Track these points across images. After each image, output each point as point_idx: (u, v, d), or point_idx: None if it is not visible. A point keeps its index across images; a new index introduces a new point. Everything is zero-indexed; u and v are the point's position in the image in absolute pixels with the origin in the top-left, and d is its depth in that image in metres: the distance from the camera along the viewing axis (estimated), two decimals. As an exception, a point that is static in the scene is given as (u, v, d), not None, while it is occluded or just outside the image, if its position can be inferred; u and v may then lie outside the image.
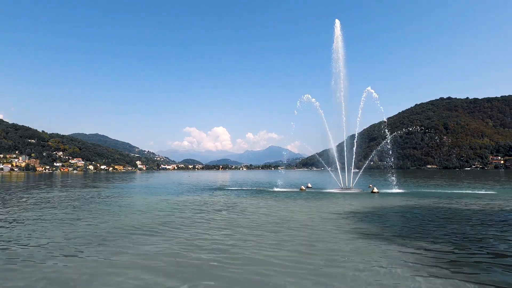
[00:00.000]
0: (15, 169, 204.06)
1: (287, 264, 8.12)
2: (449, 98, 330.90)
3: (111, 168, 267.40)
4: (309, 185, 38.44)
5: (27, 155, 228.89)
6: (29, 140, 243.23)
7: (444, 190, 32.34)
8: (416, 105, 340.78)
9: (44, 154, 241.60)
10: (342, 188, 33.10)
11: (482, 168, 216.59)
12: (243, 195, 28.33)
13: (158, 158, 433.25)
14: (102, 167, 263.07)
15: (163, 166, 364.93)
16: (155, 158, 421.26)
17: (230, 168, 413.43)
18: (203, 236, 11.52)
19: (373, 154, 40.60)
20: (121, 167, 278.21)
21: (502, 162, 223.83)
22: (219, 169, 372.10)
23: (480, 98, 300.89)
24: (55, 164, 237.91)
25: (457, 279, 6.98)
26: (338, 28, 35.76)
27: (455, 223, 13.68)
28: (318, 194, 28.78)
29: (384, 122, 36.23)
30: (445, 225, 13.22)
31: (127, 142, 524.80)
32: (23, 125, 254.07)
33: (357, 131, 34.93)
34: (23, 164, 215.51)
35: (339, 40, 35.38)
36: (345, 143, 34.32)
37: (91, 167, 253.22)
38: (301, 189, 33.93)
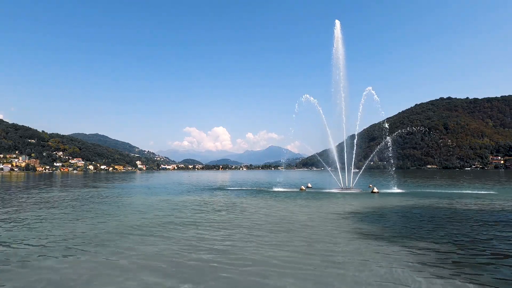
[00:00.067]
0: (15, 169, 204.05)
1: (287, 265, 8.10)
2: (449, 98, 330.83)
3: (111, 168, 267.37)
4: (309, 185, 38.43)
5: (27, 155, 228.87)
6: (29, 140, 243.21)
7: (444, 190, 32.33)
8: (416, 105, 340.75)
9: (44, 154, 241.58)
10: (342, 188, 33.09)
11: (482, 168, 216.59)
12: (243, 195, 28.31)
13: (158, 158, 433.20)
14: (102, 167, 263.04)
15: (163, 166, 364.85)
16: (155, 158, 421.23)
17: (230, 168, 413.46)
18: (203, 237, 11.50)
19: (373, 154, 40.60)
20: (121, 167, 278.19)
21: (502, 162, 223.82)
22: (219, 169, 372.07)
23: (480, 98, 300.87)
24: (55, 164, 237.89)
25: (458, 279, 6.96)
26: (338, 30, 35.70)
27: (455, 223, 13.66)
28: (318, 194, 28.76)
29: (386, 128, 36.15)
30: (445, 225, 13.20)
31: (127, 142, 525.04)
32: (23, 125, 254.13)
33: (357, 131, 34.95)
34: (23, 164, 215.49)
35: (339, 42, 35.31)
36: (345, 143, 34.30)
37: (91, 167, 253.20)
38: (301, 189, 33.91)
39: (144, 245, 10.21)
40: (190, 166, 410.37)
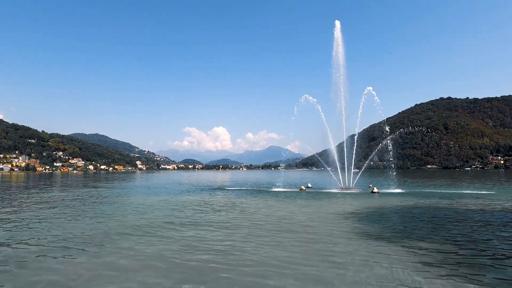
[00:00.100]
0: (15, 169, 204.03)
1: (287, 265, 8.09)
2: (449, 98, 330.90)
3: (111, 168, 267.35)
4: (309, 185, 38.42)
5: (27, 155, 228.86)
6: (29, 140, 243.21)
7: (444, 190, 32.33)
8: (416, 105, 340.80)
9: (44, 154, 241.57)
10: (342, 188, 33.08)
11: (482, 168, 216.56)
12: (243, 195, 28.30)
13: (158, 158, 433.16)
14: (102, 167, 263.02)
15: (163, 166, 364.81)
16: (155, 158, 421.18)
17: (230, 168, 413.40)
18: (203, 237, 11.49)
19: (373, 154, 40.59)
20: (121, 167, 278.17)
21: (502, 162, 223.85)
22: (219, 169, 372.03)
23: (480, 98, 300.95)
24: (55, 164, 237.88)
25: (458, 279, 6.96)
26: (338, 31, 35.61)
27: (456, 223, 13.65)
28: (318, 194, 28.76)
29: (387, 132, 36.10)
30: (446, 225, 13.19)
31: (127, 142, 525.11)
32: (23, 125, 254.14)
33: (357, 131, 34.95)
34: (23, 164, 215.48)
35: (339, 43, 35.23)
36: (345, 143, 34.30)
37: (91, 167, 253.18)
38: (301, 189, 33.90)
39: (144, 245, 10.21)
40: (190, 166, 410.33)
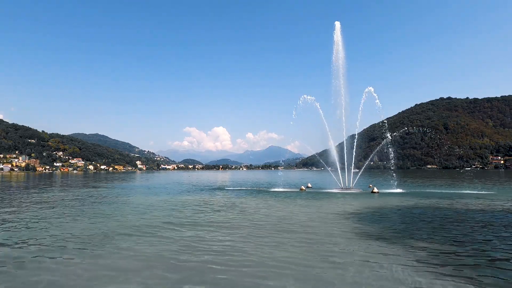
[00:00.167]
0: (15, 169, 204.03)
1: (287, 265, 8.08)
2: (449, 98, 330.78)
3: (111, 168, 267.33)
4: (309, 185, 38.42)
5: (27, 155, 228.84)
6: (29, 140, 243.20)
7: (444, 190, 32.33)
8: (416, 105, 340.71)
9: (44, 154, 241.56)
10: (342, 188, 33.09)
11: (482, 168, 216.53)
12: (243, 195, 28.30)
13: (158, 158, 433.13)
14: (102, 167, 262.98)
15: (163, 166, 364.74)
16: (155, 158, 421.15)
17: (230, 168, 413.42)
18: (203, 237, 11.48)
19: (373, 154, 40.59)
20: (121, 167, 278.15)
21: (502, 162, 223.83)
22: (219, 169, 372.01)
23: (480, 98, 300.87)
24: (55, 164, 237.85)
25: (458, 280, 6.94)
26: (338, 32, 35.54)
27: (456, 224, 13.64)
28: (318, 194, 28.75)
29: (388, 139, 36.08)
30: (446, 226, 13.18)
31: (127, 142, 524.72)
32: (23, 125, 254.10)
33: (357, 131, 34.96)
34: (23, 164, 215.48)
35: (339, 48, 35.14)
36: (345, 143, 34.30)
37: (91, 167, 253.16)
38: (301, 189, 33.90)
39: (144, 246, 10.20)
40: (190, 166, 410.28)
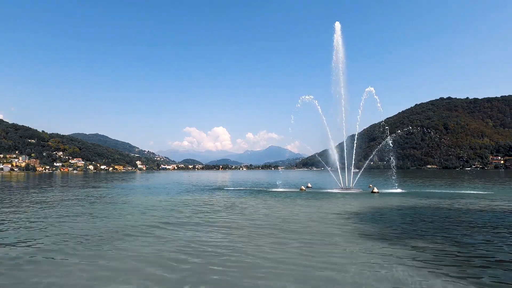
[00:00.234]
0: (15, 169, 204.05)
1: (287, 266, 8.06)
2: (449, 98, 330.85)
3: (111, 168, 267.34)
4: (309, 185, 38.41)
5: (27, 155, 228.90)
6: (29, 140, 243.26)
7: (444, 190, 32.31)
8: (416, 105, 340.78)
9: (44, 154, 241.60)
10: (342, 188, 33.08)
11: (482, 168, 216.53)
12: (243, 195, 28.28)
13: (158, 158, 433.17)
14: (102, 167, 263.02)
15: (163, 166, 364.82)
16: (155, 158, 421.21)
17: (230, 168, 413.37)
18: (203, 237, 11.46)
19: (373, 154, 40.56)
20: (121, 167, 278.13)
21: (502, 162, 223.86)
22: (219, 169, 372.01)
23: (480, 98, 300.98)
24: (55, 164, 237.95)
25: (458, 280, 6.93)
26: (338, 33, 35.46)
27: (456, 224, 13.62)
28: (318, 194, 28.74)
29: (390, 146, 36.06)
30: (446, 226, 13.17)
31: (127, 142, 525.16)
32: (23, 125, 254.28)
33: (357, 131, 34.95)
34: (23, 164, 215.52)
35: (339, 45, 35.08)
36: (345, 143, 34.30)
37: (91, 167, 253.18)
38: (301, 189, 33.88)
39: (143, 246, 10.18)
40: (190, 166, 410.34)
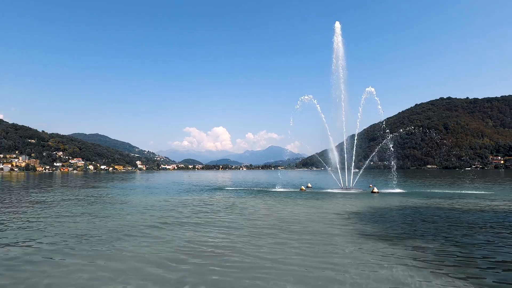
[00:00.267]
0: (15, 169, 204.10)
1: (287, 266, 8.05)
2: (449, 98, 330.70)
3: (111, 168, 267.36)
4: (309, 185, 38.39)
5: (27, 155, 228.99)
6: (29, 140, 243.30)
7: (445, 190, 32.30)
8: (416, 105, 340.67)
9: (44, 154, 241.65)
10: (342, 188, 33.07)
11: (482, 168, 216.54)
12: (243, 195, 28.27)
13: (158, 158, 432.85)
14: (102, 167, 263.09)
15: (163, 166, 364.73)
16: (155, 158, 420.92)
17: (230, 168, 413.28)
18: (202, 237, 11.45)
19: (373, 154, 40.56)
20: (121, 167, 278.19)
21: (502, 162, 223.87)
22: (219, 169, 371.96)
23: (480, 98, 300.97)
24: (55, 164, 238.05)
25: (458, 280, 6.91)
26: (338, 34, 35.39)
27: (456, 224, 13.60)
28: (318, 194, 28.72)
29: (391, 150, 36.08)
30: (446, 226, 13.15)
31: (127, 142, 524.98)
32: (23, 125, 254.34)
33: (357, 131, 34.96)
34: (23, 164, 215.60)
35: (339, 51, 35.05)
36: (345, 143, 34.30)
37: (91, 167, 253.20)
38: (301, 189, 33.87)
39: (143, 246, 10.16)
40: (190, 166, 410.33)
